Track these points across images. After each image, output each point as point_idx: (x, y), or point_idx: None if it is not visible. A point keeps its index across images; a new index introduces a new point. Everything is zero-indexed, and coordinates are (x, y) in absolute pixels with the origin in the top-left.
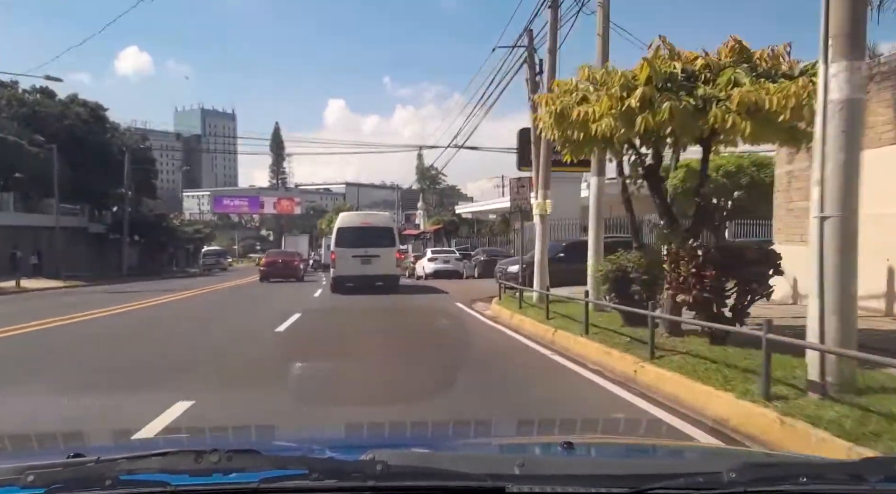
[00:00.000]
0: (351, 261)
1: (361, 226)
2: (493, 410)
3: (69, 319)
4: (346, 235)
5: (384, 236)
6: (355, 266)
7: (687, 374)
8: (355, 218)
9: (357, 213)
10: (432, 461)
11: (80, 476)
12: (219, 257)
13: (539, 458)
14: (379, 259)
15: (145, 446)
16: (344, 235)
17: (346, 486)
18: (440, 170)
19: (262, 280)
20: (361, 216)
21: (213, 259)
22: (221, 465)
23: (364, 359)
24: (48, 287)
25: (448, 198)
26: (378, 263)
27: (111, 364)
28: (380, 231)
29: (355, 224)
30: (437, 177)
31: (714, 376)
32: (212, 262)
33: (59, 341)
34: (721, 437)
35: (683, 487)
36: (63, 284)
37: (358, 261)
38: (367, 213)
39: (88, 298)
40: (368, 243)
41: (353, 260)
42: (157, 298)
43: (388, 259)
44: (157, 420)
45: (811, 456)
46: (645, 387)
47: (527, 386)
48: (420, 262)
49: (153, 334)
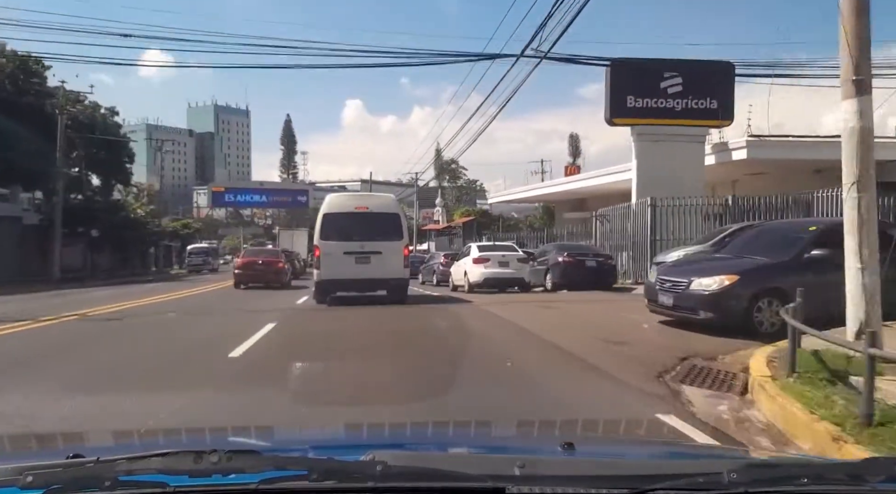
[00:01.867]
0: (342, 260)
1: (356, 211)
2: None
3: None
4: (334, 223)
5: (388, 225)
6: (348, 266)
7: None
8: (348, 200)
9: (350, 195)
10: (432, 461)
11: (79, 476)
12: (206, 256)
13: (539, 459)
14: (380, 257)
15: (145, 446)
16: (332, 224)
17: (346, 487)
18: (459, 163)
19: (237, 286)
20: (356, 198)
21: (199, 258)
22: (221, 466)
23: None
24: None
25: (468, 195)
26: (379, 263)
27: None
28: (382, 218)
29: (347, 208)
30: (458, 171)
31: None
32: (199, 262)
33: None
34: (722, 438)
35: (684, 488)
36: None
37: (351, 260)
38: (363, 195)
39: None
40: (366, 235)
41: (344, 258)
42: (66, 314)
43: (393, 257)
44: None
45: (812, 457)
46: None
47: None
48: (461, 265)
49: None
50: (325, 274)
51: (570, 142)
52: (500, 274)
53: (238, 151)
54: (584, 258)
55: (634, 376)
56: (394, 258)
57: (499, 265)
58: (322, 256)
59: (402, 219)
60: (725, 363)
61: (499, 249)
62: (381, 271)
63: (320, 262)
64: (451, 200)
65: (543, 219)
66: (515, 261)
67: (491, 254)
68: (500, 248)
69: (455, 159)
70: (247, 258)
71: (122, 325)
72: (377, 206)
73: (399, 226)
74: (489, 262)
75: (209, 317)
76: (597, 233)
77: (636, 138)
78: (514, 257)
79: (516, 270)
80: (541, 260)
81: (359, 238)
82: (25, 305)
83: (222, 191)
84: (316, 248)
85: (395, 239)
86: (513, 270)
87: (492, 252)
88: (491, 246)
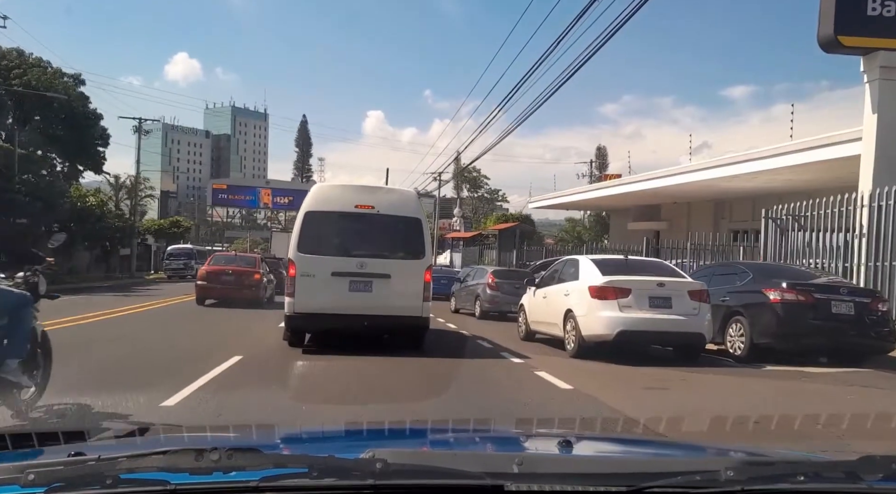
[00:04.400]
0: (328, 285)
1: (357, 211)
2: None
3: None
4: (321, 228)
5: (404, 234)
6: (337, 294)
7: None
8: (344, 193)
9: (348, 186)
10: (431, 459)
11: (81, 474)
12: (189, 259)
13: (537, 456)
14: (388, 283)
15: (146, 444)
16: (317, 228)
17: (346, 484)
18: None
19: (200, 301)
20: (358, 191)
21: (180, 261)
22: (222, 463)
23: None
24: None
25: (488, 206)
26: (385, 291)
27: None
28: (395, 223)
29: (343, 206)
30: (479, 179)
31: None
32: (179, 266)
33: None
34: None
35: (681, 485)
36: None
37: (342, 286)
38: (369, 186)
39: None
40: (368, 247)
41: (332, 282)
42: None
43: (409, 283)
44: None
45: (809, 455)
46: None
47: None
48: (553, 296)
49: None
50: (302, 305)
51: (597, 155)
52: (653, 322)
53: (255, 155)
54: (825, 295)
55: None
56: (409, 285)
57: (650, 304)
58: (298, 277)
59: (425, 227)
60: None
61: (638, 269)
62: (389, 304)
63: (295, 286)
64: (469, 211)
65: (593, 230)
66: (683, 297)
67: (633, 282)
68: (639, 268)
69: (476, 168)
70: (212, 267)
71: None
72: (389, 205)
73: (421, 236)
74: (629, 297)
75: (146, 345)
76: (739, 249)
77: (880, 75)
78: (678, 288)
79: (685, 313)
80: (752, 296)
81: (357, 252)
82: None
83: (224, 188)
84: (290, 264)
85: (414, 255)
86: (678, 314)
87: (631, 275)
88: (621, 263)
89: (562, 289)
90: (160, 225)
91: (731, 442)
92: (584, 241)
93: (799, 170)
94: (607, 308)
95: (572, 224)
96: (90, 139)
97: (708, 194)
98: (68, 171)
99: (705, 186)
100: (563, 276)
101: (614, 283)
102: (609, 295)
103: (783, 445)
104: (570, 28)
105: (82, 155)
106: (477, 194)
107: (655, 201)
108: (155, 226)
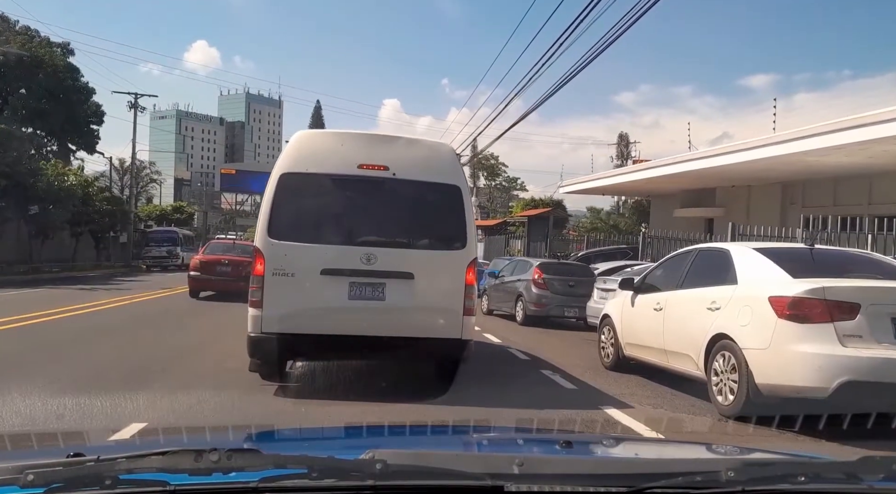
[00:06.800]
0: (317, 288)
1: (361, 173)
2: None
3: None
4: (303, 199)
5: (435, 210)
6: (331, 302)
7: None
8: (343, 146)
9: (348, 134)
10: (431, 460)
11: (80, 475)
12: (172, 245)
13: (538, 457)
14: (410, 286)
15: (145, 445)
16: (298, 199)
17: (346, 485)
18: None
19: (193, 294)
20: (363, 142)
21: (162, 248)
22: (221, 464)
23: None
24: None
25: (504, 196)
26: (406, 297)
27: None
28: (421, 192)
29: (339, 167)
30: (497, 167)
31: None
32: (160, 253)
33: None
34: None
35: (682, 486)
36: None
37: (339, 290)
38: (379, 136)
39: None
40: (380, 230)
41: (322, 284)
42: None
43: (443, 284)
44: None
45: (810, 455)
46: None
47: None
48: (699, 307)
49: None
50: (274, 322)
51: (619, 142)
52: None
53: (269, 143)
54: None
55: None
56: (443, 289)
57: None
58: (269, 277)
59: (468, 200)
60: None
61: (839, 267)
62: (412, 320)
63: (263, 291)
64: (486, 200)
65: (631, 218)
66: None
67: (862, 293)
68: (841, 266)
69: (494, 155)
70: (207, 256)
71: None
72: (413, 165)
73: (461, 213)
74: (856, 318)
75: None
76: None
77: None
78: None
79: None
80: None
81: (363, 239)
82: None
83: (233, 173)
84: (257, 256)
85: (450, 244)
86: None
87: (850, 279)
88: (804, 255)
89: (700, 298)
90: (162, 210)
91: (731, 443)
92: (620, 231)
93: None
94: (815, 337)
95: (595, 213)
96: (81, 115)
97: (775, 175)
98: (59, 150)
99: (776, 164)
100: (698, 276)
101: (829, 293)
102: (817, 314)
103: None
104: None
105: (73, 133)
106: (494, 182)
107: (710, 184)
108: (157, 212)
